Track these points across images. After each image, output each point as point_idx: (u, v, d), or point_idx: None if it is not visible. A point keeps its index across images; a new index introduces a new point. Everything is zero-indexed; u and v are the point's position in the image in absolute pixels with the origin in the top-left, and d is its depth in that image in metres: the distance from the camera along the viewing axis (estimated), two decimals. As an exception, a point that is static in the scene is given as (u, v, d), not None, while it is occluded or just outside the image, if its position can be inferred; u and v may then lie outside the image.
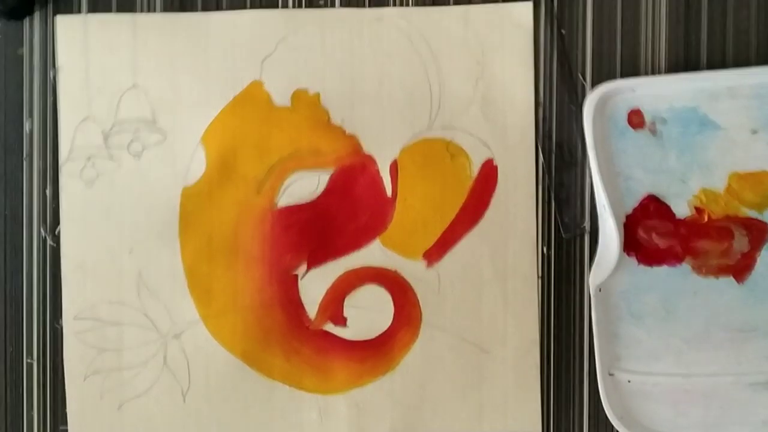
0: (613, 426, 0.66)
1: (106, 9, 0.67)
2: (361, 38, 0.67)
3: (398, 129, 0.67)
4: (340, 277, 0.67)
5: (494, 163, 0.67)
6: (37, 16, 0.68)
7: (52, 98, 0.68)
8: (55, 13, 0.67)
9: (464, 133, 0.67)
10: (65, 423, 0.68)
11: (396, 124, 0.67)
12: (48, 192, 0.68)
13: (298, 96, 0.67)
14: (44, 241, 0.68)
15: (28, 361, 0.68)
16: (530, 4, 0.67)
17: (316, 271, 0.67)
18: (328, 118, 0.67)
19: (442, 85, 0.67)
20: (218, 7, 0.68)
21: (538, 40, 0.67)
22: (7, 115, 0.68)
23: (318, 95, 0.67)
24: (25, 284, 0.68)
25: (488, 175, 0.67)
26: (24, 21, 0.68)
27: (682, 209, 0.67)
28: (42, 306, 0.68)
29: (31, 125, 0.68)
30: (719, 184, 0.67)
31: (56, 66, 0.67)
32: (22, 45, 0.68)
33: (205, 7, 0.68)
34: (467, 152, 0.67)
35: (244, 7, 0.67)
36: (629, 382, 0.67)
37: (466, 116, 0.67)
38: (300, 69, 0.67)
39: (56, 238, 0.68)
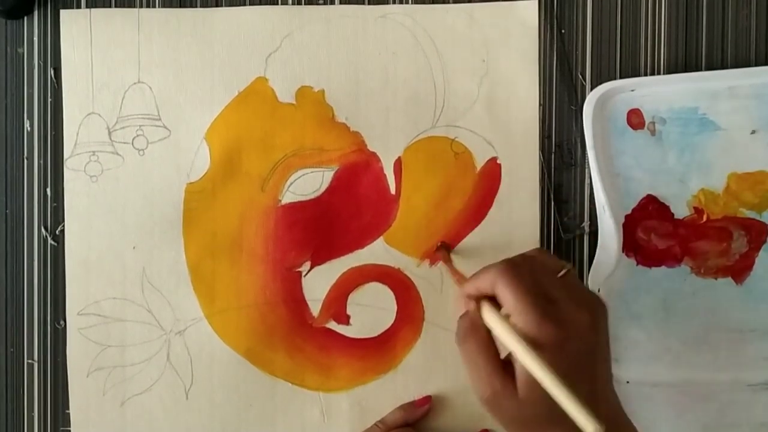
0: (613, 426, 0.66)
1: (106, 5, 0.67)
2: (366, 36, 0.67)
3: (402, 127, 0.67)
4: (344, 274, 0.67)
5: (498, 162, 0.67)
6: (36, 14, 0.67)
7: (52, 97, 0.67)
8: (55, 11, 0.67)
9: (468, 132, 0.67)
10: (66, 424, 0.67)
11: (400, 121, 0.67)
12: (49, 191, 0.67)
13: (303, 93, 0.67)
14: (45, 240, 0.68)
15: (29, 362, 0.68)
16: (535, 3, 0.67)
17: (319, 269, 0.67)
18: (333, 115, 0.67)
19: (446, 83, 0.67)
20: (217, 4, 0.67)
21: (539, 40, 0.68)
22: (7, 115, 0.68)
23: (322, 92, 0.67)
24: (26, 284, 0.68)
25: (492, 173, 0.67)
26: (24, 20, 0.67)
27: (681, 209, 0.67)
28: (43, 306, 0.68)
29: (32, 124, 0.67)
30: (718, 185, 0.67)
31: (60, 61, 0.67)
32: (22, 44, 0.67)
33: (204, 4, 0.67)
34: (471, 150, 0.67)
35: (242, 3, 0.67)
36: (628, 383, 0.67)
37: (471, 114, 0.67)
38: (305, 66, 0.67)
39: (57, 238, 0.67)
